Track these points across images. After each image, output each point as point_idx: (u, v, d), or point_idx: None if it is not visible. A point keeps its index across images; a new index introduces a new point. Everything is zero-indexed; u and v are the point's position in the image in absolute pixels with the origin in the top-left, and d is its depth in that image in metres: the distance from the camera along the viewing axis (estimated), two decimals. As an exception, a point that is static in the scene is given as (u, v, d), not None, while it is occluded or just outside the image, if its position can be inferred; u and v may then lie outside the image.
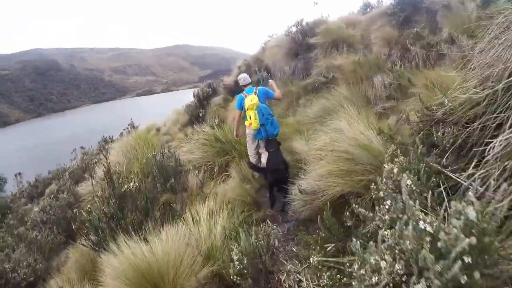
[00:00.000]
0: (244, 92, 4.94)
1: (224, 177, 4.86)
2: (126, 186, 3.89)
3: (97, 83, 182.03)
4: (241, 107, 4.88)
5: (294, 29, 7.65)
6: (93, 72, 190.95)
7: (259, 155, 4.94)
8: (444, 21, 6.17)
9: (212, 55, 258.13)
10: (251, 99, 4.66)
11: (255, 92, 4.82)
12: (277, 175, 3.95)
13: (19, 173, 22.95)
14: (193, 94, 9.68)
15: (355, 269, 1.43)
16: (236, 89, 7.77)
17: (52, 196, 9.70)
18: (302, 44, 7.31)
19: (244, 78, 5.10)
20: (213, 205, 3.43)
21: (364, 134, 3.20)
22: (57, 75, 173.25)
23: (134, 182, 4.04)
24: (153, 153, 5.49)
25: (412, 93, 4.51)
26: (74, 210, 5.14)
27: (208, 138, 5.67)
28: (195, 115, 8.88)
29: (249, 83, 5.11)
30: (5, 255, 6.48)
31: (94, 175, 6.94)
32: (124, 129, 16.66)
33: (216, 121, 6.38)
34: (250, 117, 4.67)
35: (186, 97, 11.98)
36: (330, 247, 2.51)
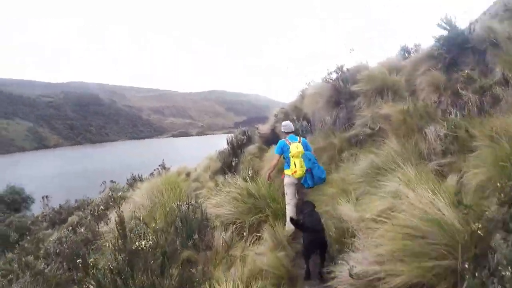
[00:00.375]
0: (287, 138, 5.03)
1: (254, 239, 4.31)
2: (137, 244, 3.43)
3: (136, 120, 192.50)
4: (281, 152, 4.96)
5: (334, 75, 7.31)
6: (132, 109, 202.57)
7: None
8: (494, 60, 5.54)
9: (247, 101, 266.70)
10: (296, 147, 4.80)
11: (299, 141, 4.96)
12: (314, 236, 3.46)
13: (46, 196, 23.64)
14: (227, 141, 9.41)
15: None
16: (272, 139, 7.46)
17: (71, 228, 9.51)
18: (344, 92, 6.90)
19: (288, 125, 5.26)
20: (240, 275, 2.88)
21: (433, 203, 2.60)
22: (98, 109, 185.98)
23: (148, 240, 3.57)
24: (178, 203, 5.07)
25: (474, 146, 3.77)
26: (78, 261, 4.72)
27: (240, 192, 5.19)
28: (228, 163, 8.57)
29: (292, 132, 5.23)
30: (7, 281, 6.37)
31: (108, 221, 6.65)
32: (155, 169, 16.71)
33: (249, 172, 5.91)
34: (295, 164, 4.75)
35: (220, 141, 11.84)
36: None
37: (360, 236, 2.82)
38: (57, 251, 6.96)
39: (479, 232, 2.21)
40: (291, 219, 4.01)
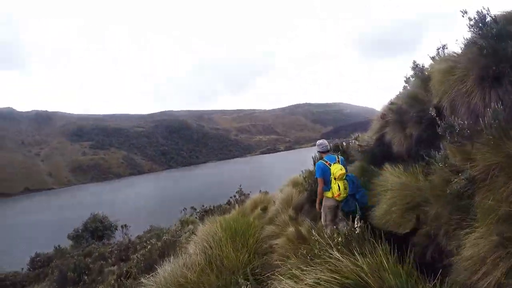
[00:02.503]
0: (324, 159, 4.94)
1: None
2: None
3: (224, 141, 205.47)
4: (323, 175, 4.81)
5: (475, 31, 4.36)
6: (219, 131, 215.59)
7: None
8: None
9: (332, 111, 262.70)
10: (340, 168, 4.72)
11: (338, 161, 4.88)
12: None
13: (125, 225, 24.57)
14: (313, 160, 7.03)
15: None
16: (380, 152, 4.96)
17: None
18: (502, 58, 3.96)
19: (324, 144, 5.08)
20: None
21: None
22: (187, 134, 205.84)
23: None
24: None
25: None
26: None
27: (342, 277, 2.56)
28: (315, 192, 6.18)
29: (328, 151, 5.09)
30: None
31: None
32: (231, 197, 15.22)
33: (356, 226, 3.28)
34: (338, 187, 4.66)
35: (310, 154, 9.98)
36: None
37: None
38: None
39: None
40: None
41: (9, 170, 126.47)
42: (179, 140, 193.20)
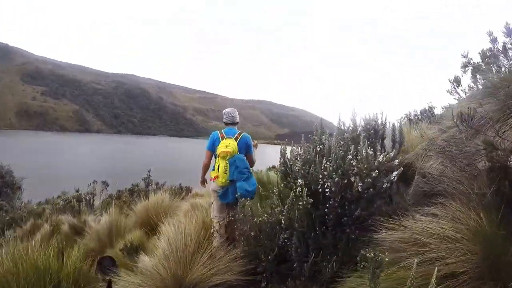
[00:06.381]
0: (222, 131, 3.93)
1: None
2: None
3: (179, 118, 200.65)
4: (212, 148, 3.88)
5: None
6: (177, 107, 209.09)
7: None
8: None
9: (291, 115, 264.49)
10: (226, 144, 3.69)
11: (236, 138, 3.82)
12: None
13: (20, 187, 15.71)
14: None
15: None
16: None
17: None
18: None
19: (229, 113, 4.06)
20: None
21: None
22: (144, 102, 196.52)
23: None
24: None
25: None
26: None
27: None
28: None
29: (234, 124, 4.06)
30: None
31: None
32: (133, 185, 12.51)
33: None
34: (218, 168, 3.68)
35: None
36: None
37: None
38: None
39: None
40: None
41: None
42: (134, 107, 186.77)
